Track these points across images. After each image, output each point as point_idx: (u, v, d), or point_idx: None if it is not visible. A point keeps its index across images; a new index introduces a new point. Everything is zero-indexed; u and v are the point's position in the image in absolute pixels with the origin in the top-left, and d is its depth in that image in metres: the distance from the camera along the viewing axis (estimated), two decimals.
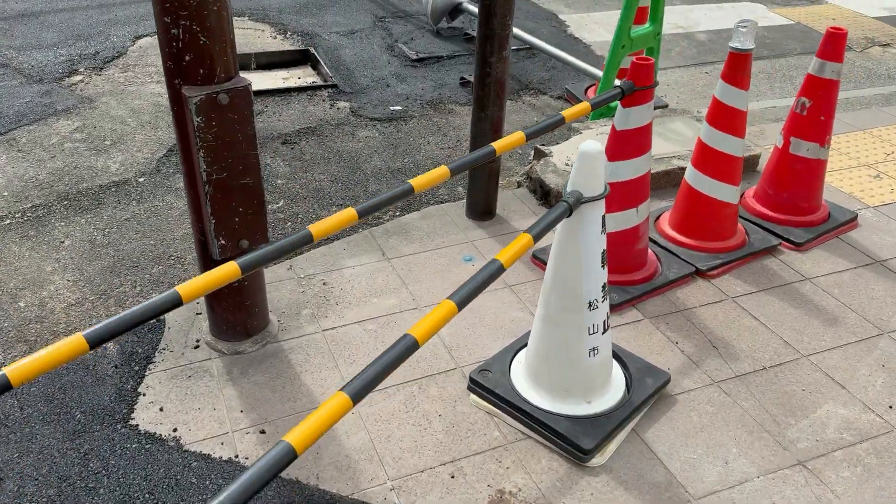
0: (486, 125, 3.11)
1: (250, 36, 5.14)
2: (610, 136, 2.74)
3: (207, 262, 2.38)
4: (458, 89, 4.73)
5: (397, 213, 3.40)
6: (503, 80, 3.03)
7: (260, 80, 4.66)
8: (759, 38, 5.82)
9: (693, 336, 2.67)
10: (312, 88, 4.43)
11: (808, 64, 5.35)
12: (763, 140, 4.15)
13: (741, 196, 3.46)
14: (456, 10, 5.27)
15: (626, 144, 2.68)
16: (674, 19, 6.11)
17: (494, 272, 1.70)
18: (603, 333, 2.19)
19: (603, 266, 2.11)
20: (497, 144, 2.23)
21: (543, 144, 3.78)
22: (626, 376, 2.39)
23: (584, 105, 2.45)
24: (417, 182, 1.94)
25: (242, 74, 2.30)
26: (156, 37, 5.14)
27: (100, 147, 3.87)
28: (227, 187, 2.20)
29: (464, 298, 1.63)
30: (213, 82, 2.08)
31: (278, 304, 2.77)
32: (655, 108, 4.50)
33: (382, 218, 3.36)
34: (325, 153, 3.93)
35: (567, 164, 3.58)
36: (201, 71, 2.05)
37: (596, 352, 2.19)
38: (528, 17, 5.99)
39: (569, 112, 2.39)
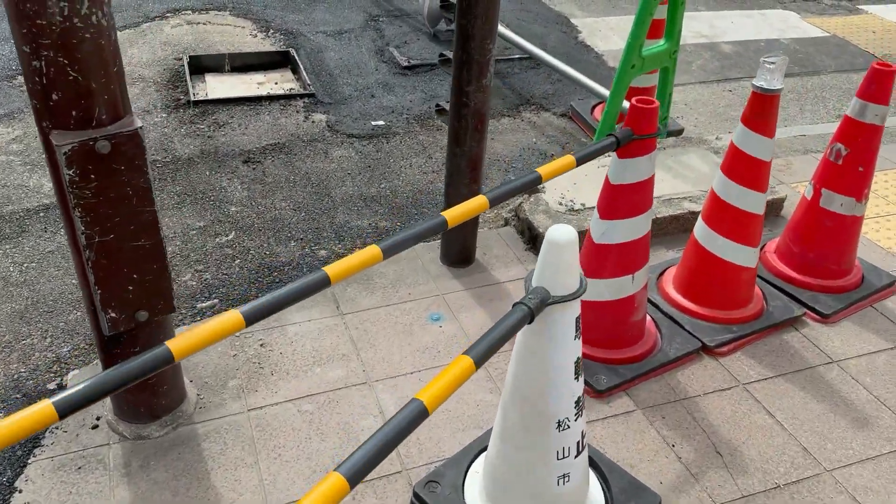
0: (463, 162, 2.66)
1: (228, 34, 4.71)
2: (603, 190, 2.29)
3: (101, 336, 1.97)
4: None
5: None
6: (483, 112, 2.58)
7: (231, 86, 4.23)
8: (790, 53, 5.29)
9: (694, 436, 2.23)
10: (286, 97, 3.99)
11: (843, 84, 4.84)
12: (790, 177, 3.66)
13: (761, 249, 3.00)
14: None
15: (622, 201, 2.23)
16: (697, 27, 5.59)
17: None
18: (576, 456, 1.75)
19: (577, 377, 1.68)
20: (449, 214, 1.79)
21: None
22: (605, 497, 1.96)
23: (567, 160, 1.99)
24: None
25: (216, 77, 1.88)
26: (130, 31, 4.75)
27: (37, 162, 3.47)
28: (115, 251, 1.78)
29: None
30: (92, 126, 1.65)
31: (202, 372, 2.36)
32: (669, 134, 4.04)
33: None
34: (292, 175, 3.50)
35: (561, 203, 3.12)
36: (74, 112, 1.62)
37: (567, 479, 1.75)
38: (537, 19, 5.49)
39: (546, 169, 1.94)
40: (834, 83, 4.90)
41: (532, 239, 3.04)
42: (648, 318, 2.59)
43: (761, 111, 2.33)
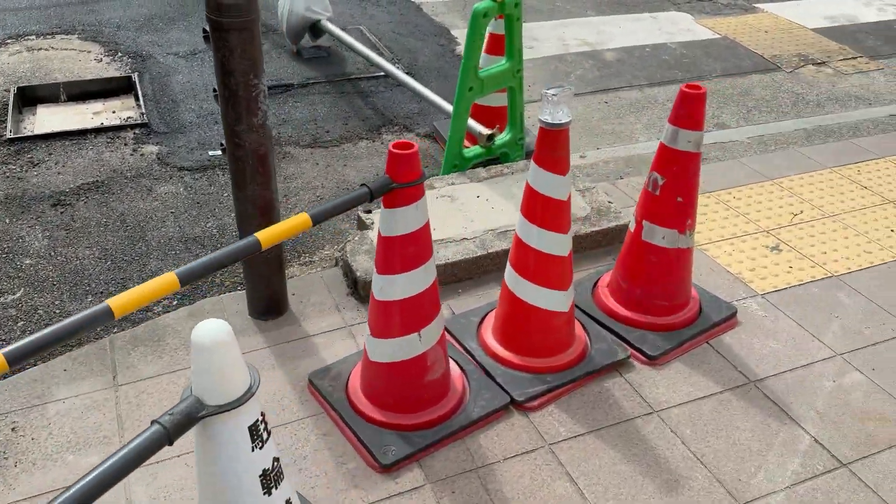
0: (249, 208, 2.40)
1: (70, 59, 4.38)
2: (377, 244, 2.06)
3: None
4: (301, 126, 4.01)
5: (160, 311, 2.71)
6: (263, 153, 2.32)
7: (64, 118, 3.89)
8: (677, 58, 5.14)
9: None
10: (115, 129, 3.69)
11: (726, 89, 4.70)
12: None
13: (595, 283, 2.80)
14: (317, 28, 4.55)
15: (396, 254, 2.00)
16: (583, 34, 5.40)
17: None
18: None
19: (268, 492, 1.43)
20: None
21: (369, 211, 3.10)
22: None
23: (301, 220, 1.74)
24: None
25: (49, 109, 1.61)
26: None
27: None
28: None
29: None
30: None
31: None
32: (528, 155, 3.82)
33: (136, 317, 2.66)
34: (105, 217, 3.21)
35: None
36: None
37: None
38: (415, 32, 5.26)
39: (267, 234, 1.70)
40: (717, 89, 4.75)
41: (354, 283, 2.81)
42: (457, 371, 2.37)
43: (550, 147, 2.11)
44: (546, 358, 2.39)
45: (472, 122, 3.51)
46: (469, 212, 3.08)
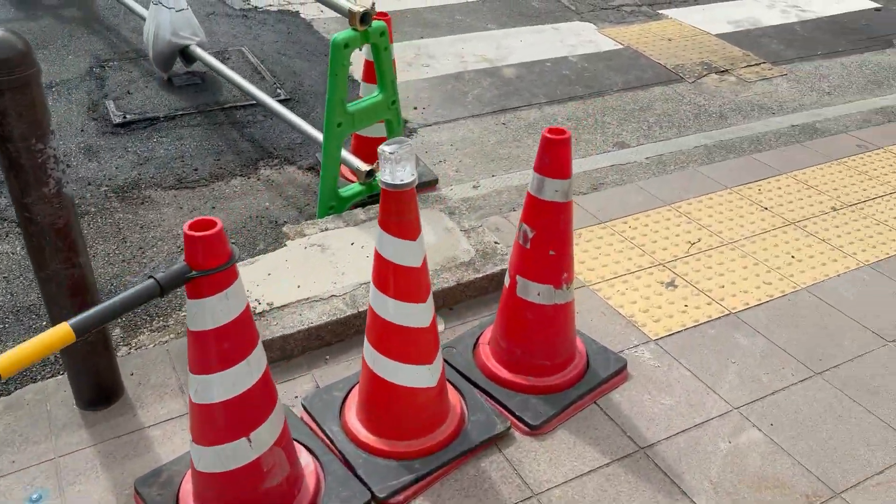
0: (53, 288, 2.05)
1: None
2: (187, 338, 1.75)
3: None
4: (165, 165, 3.61)
5: None
6: (61, 226, 1.97)
7: None
8: (578, 72, 4.96)
9: None
10: None
11: (626, 105, 4.53)
12: None
13: (476, 340, 2.55)
14: (188, 55, 4.19)
15: (210, 351, 1.69)
16: (482, 50, 5.17)
17: None
18: None
19: None
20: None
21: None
22: None
23: (62, 332, 1.43)
24: None
25: None
26: None
27: None
28: None
29: None
30: None
31: None
32: (421, 186, 3.56)
33: None
34: None
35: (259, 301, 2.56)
36: None
37: None
38: (303, 52, 4.92)
39: (11, 359, 1.38)
40: (617, 104, 4.58)
41: None
42: (310, 466, 2.06)
43: (395, 210, 1.84)
44: (414, 440, 2.12)
45: (349, 158, 3.22)
46: (341, 262, 2.79)
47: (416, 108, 4.34)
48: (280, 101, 3.95)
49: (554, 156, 2.04)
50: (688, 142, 4.12)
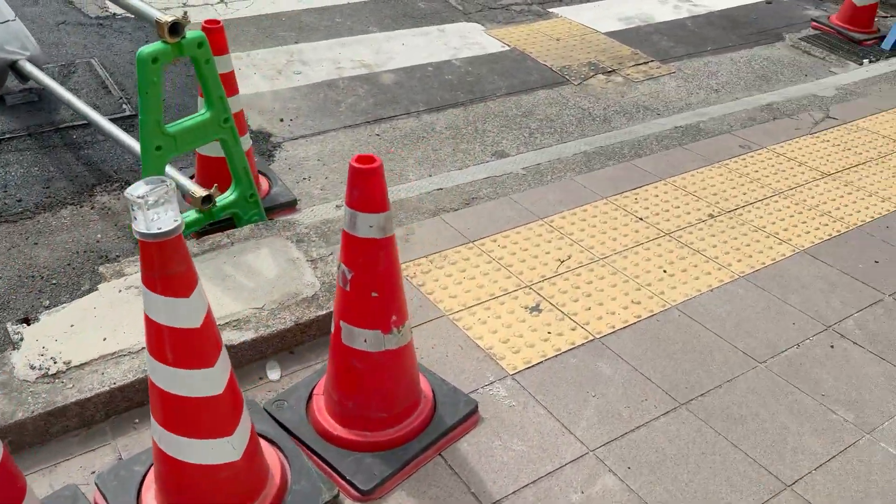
0: None
1: None
2: None
3: None
4: None
5: None
6: None
7: None
8: (461, 76, 4.74)
9: None
10: None
11: (509, 110, 4.33)
12: (403, 255, 2.99)
13: (311, 391, 2.28)
14: (19, 70, 3.77)
15: None
16: (361, 55, 4.88)
17: None
18: None
19: None
20: None
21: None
22: None
23: None
24: None
25: None
26: None
27: None
28: None
29: None
30: None
31: None
32: (279, 208, 3.24)
33: None
34: None
35: (36, 366, 2.20)
36: None
37: None
38: None
39: None
40: (500, 110, 4.38)
41: None
42: None
43: (159, 264, 1.55)
44: None
45: (182, 182, 2.90)
46: None
47: (282, 121, 4.02)
48: (123, 118, 3.58)
49: (364, 187, 1.79)
50: (568, 149, 3.94)
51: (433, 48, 5.06)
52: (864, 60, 5.49)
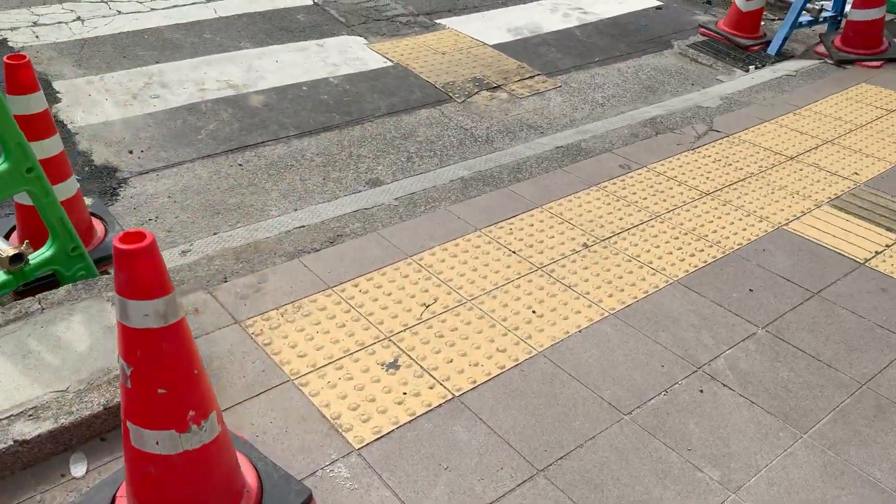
0: None
1: None
2: None
3: None
4: None
5: None
6: None
7: None
8: (338, 96, 4.48)
9: None
10: None
11: (388, 133, 4.11)
12: (245, 310, 2.73)
13: (114, 494, 2.00)
14: None
15: None
16: (228, 73, 4.54)
17: None
18: None
19: None
20: None
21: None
22: None
23: None
24: None
25: None
26: None
27: None
28: None
29: None
30: None
31: None
32: (104, 259, 2.89)
33: None
34: None
35: None
36: None
37: None
38: None
39: None
40: (377, 133, 4.15)
41: None
42: None
43: None
44: None
45: None
46: None
47: (131, 153, 3.67)
48: None
49: (133, 270, 1.51)
50: (446, 174, 3.74)
51: (310, 65, 4.78)
52: (751, 67, 5.53)
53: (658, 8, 6.58)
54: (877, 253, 3.19)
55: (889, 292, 2.94)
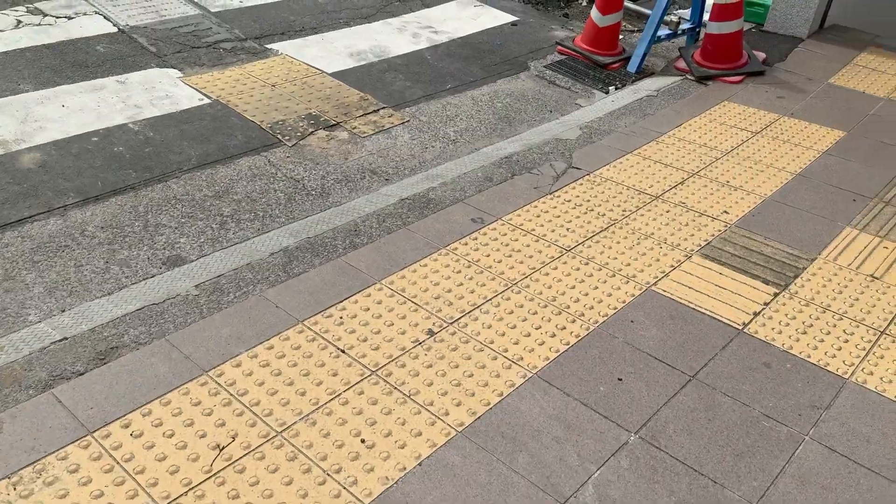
0: None
1: None
2: None
3: None
4: None
5: None
6: None
7: None
8: (137, 147, 3.71)
9: None
10: None
11: (197, 192, 3.37)
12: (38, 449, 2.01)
13: None
14: None
15: None
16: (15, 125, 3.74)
17: None
18: None
19: None
20: None
21: None
22: None
23: None
24: None
25: None
26: None
27: None
28: None
29: None
30: None
31: None
32: None
33: None
34: None
35: None
36: None
37: None
38: None
39: None
40: (183, 193, 3.44)
41: None
42: None
43: None
44: None
45: None
46: None
47: None
48: None
49: None
50: (266, 244, 3.11)
51: (105, 108, 3.98)
52: (611, 88, 5.21)
53: (513, 24, 6.19)
54: (755, 314, 2.85)
55: (773, 367, 2.60)
